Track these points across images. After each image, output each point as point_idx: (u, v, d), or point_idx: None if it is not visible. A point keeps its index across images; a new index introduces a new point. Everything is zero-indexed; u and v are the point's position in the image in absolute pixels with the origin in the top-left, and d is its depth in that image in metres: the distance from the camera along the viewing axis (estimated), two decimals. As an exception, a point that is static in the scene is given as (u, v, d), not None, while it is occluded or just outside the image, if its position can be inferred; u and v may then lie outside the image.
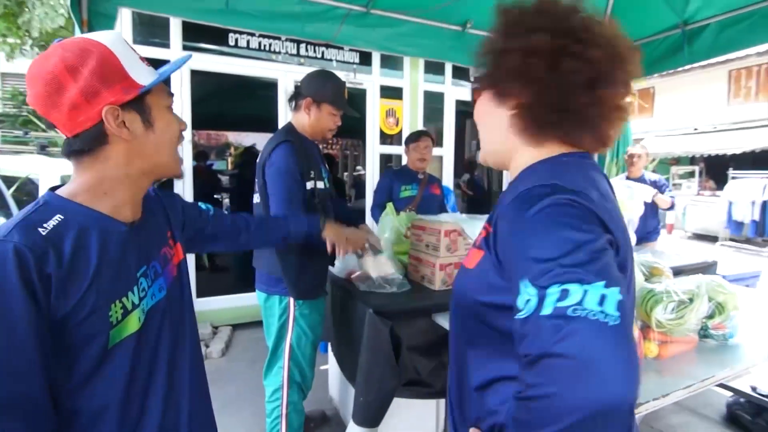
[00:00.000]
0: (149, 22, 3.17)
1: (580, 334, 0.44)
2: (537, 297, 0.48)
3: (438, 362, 1.68)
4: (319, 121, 1.69)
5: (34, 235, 0.60)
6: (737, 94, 10.68)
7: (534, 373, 0.46)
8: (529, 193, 0.58)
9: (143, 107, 0.71)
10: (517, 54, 0.62)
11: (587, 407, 0.42)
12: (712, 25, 2.72)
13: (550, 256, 0.50)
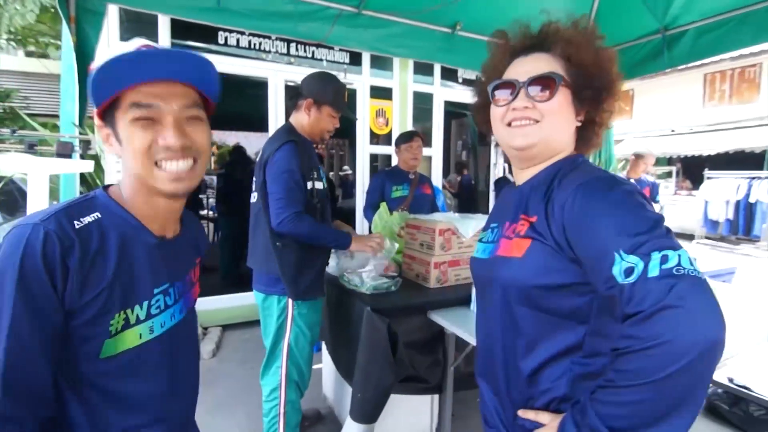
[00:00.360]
0: (136, 19, 3.12)
1: (688, 288, 0.54)
2: (642, 263, 0.56)
3: (433, 358, 1.72)
4: (319, 122, 1.71)
5: (68, 227, 0.61)
6: (712, 96, 11.05)
7: (650, 325, 0.54)
8: (599, 181, 0.67)
9: (113, 122, 0.67)
10: (618, 83, 0.76)
11: (700, 345, 0.52)
12: (690, 30, 2.83)
13: (641, 230, 0.59)
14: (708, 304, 0.54)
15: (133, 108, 0.64)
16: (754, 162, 8.99)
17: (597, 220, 0.63)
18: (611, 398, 0.59)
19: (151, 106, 0.65)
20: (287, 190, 1.53)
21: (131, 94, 0.64)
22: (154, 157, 0.66)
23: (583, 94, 0.76)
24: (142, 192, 0.70)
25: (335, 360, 2.04)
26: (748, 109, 10.11)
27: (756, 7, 2.48)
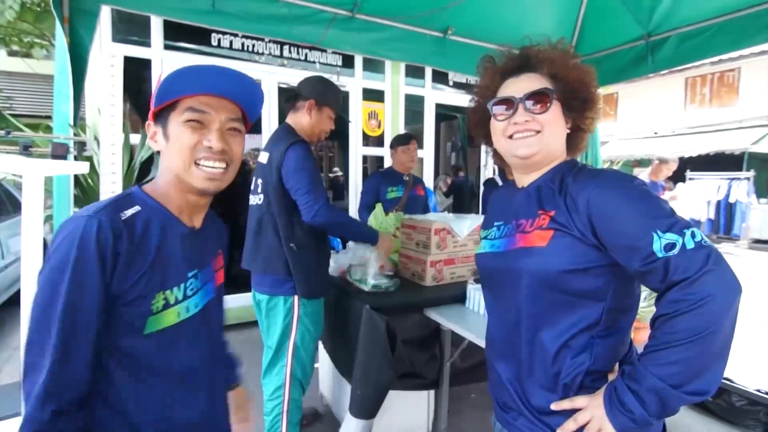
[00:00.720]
0: (128, 20, 3.11)
1: (716, 255, 0.67)
2: (680, 238, 0.68)
3: (430, 355, 1.76)
4: (319, 123, 1.76)
5: (116, 218, 0.70)
6: (693, 100, 11.38)
7: (698, 287, 0.65)
8: (617, 179, 0.78)
9: (165, 122, 0.78)
10: (597, 94, 0.87)
11: (735, 298, 0.66)
12: (673, 37, 2.93)
13: (667, 214, 0.71)
14: (729, 267, 0.67)
15: (188, 111, 0.76)
16: (733, 163, 9.27)
17: (627, 208, 0.73)
18: (666, 359, 0.67)
19: (204, 111, 0.77)
20: (312, 183, 1.57)
21: (189, 100, 0.77)
22: (196, 156, 0.77)
23: (570, 105, 0.86)
24: (177, 187, 0.80)
25: (333, 358, 2.07)
26: (727, 112, 10.44)
27: (735, 15, 2.60)
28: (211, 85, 0.77)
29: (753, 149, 8.80)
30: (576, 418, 0.75)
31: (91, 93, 2.99)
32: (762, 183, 9.71)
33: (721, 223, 8.81)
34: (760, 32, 2.51)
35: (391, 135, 4.40)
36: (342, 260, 2.01)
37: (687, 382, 0.66)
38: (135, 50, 3.05)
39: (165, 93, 0.76)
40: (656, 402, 0.68)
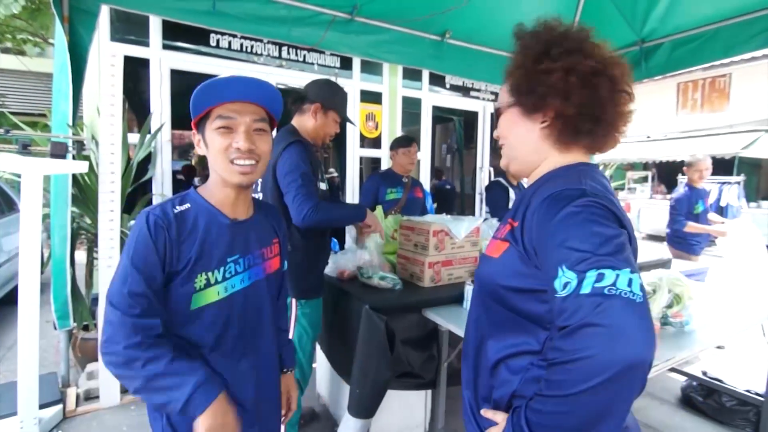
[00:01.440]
0: (127, 20, 3.11)
1: (614, 308, 0.56)
2: (576, 279, 0.59)
3: (428, 355, 1.78)
4: (325, 126, 1.77)
5: (169, 212, 0.88)
6: (684, 105, 11.53)
7: (573, 340, 0.57)
8: (561, 194, 0.69)
9: (203, 131, 0.93)
10: (558, 73, 0.73)
11: (618, 364, 0.54)
12: (666, 43, 3.00)
13: (585, 247, 0.61)
14: (634, 326, 0.55)
15: (218, 119, 0.90)
16: (724, 168, 9.41)
17: (551, 234, 0.66)
18: (538, 406, 0.62)
19: (230, 117, 0.90)
20: (303, 186, 1.57)
21: (218, 109, 0.89)
22: (229, 157, 0.90)
23: (526, 101, 0.79)
24: (219, 184, 0.95)
25: (331, 358, 2.08)
26: (718, 117, 10.59)
27: (727, 23, 2.66)
28: (234, 92, 0.89)
29: (743, 154, 8.95)
30: (491, 430, 0.74)
31: (90, 92, 2.98)
32: (752, 187, 9.87)
33: (712, 226, 8.92)
34: (750, 40, 2.57)
35: (389, 137, 4.42)
36: (341, 261, 2.02)
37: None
38: (133, 50, 3.05)
39: (196, 106, 0.89)
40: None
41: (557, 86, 0.73)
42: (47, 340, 2.99)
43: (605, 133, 0.78)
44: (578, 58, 0.73)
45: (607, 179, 0.82)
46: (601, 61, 0.74)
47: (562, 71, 0.73)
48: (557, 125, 0.77)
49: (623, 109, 0.77)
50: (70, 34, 2.16)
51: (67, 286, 2.35)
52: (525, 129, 0.81)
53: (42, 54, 7.84)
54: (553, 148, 0.80)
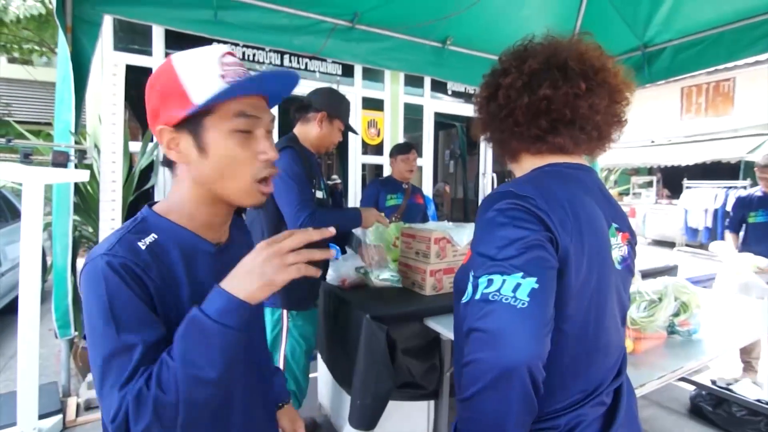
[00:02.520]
0: (129, 29, 3.14)
1: (494, 314, 0.58)
2: (472, 285, 0.62)
3: (430, 364, 1.75)
4: (330, 134, 1.77)
5: (137, 249, 0.62)
6: (689, 109, 11.48)
7: (467, 346, 0.59)
8: (489, 198, 0.70)
9: (198, 129, 0.64)
10: (493, 87, 0.78)
11: (497, 368, 0.56)
12: (668, 48, 2.98)
13: (487, 252, 0.63)
14: (516, 331, 0.56)
15: (240, 117, 0.64)
16: (729, 172, 9.34)
17: (474, 240, 0.69)
18: (460, 411, 0.63)
19: (256, 116, 0.66)
20: (298, 194, 1.56)
21: (235, 104, 0.64)
22: (256, 174, 0.67)
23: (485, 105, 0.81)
24: (206, 202, 0.69)
25: (331, 368, 2.06)
26: (722, 121, 10.53)
27: (729, 27, 2.64)
28: (268, 84, 0.67)
29: (749, 158, 8.87)
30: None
31: (92, 101, 3.00)
32: (758, 192, 9.76)
33: (718, 231, 8.83)
34: (753, 44, 2.55)
35: (391, 143, 4.42)
36: (342, 269, 2.01)
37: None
38: (136, 59, 3.08)
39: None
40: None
41: (483, 101, 0.80)
42: (48, 349, 2.98)
43: (578, 133, 0.74)
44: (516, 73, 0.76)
45: (594, 182, 0.79)
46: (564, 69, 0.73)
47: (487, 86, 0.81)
48: (506, 122, 0.78)
49: (599, 110, 0.74)
50: (73, 44, 2.19)
51: (69, 294, 2.35)
52: (495, 134, 0.83)
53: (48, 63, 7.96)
54: (525, 152, 0.81)
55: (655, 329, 1.52)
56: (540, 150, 0.77)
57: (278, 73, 0.67)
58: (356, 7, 2.69)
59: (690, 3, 2.64)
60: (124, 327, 0.57)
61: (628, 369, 1.35)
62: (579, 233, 0.67)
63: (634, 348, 1.48)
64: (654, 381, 1.29)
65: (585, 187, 0.75)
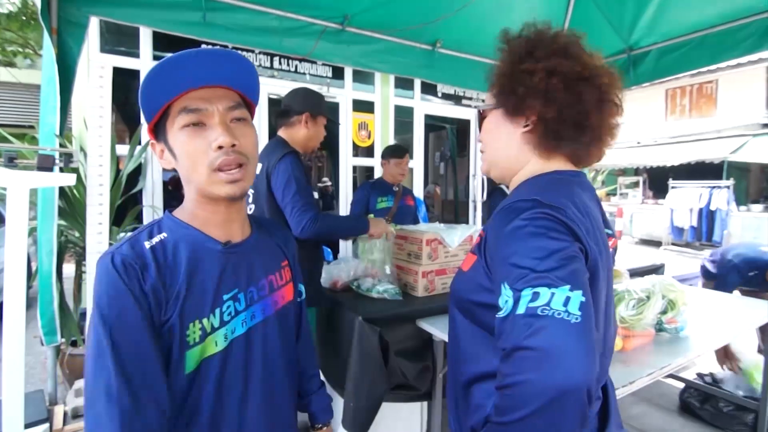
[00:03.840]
0: (117, 31, 3.10)
1: (546, 330, 0.52)
2: (513, 298, 0.56)
3: (423, 366, 1.75)
4: (317, 132, 1.80)
5: (140, 248, 0.66)
6: (673, 111, 11.71)
7: (508, 365, 0.54)
8: (513, 206, 0.66)
9: (165, 135, 0.68)
10: (540, 74, 0.70)
11: (552, 390, 0.50)
12: (653, 51, 3.04)
13: (525, 263, 0.58)
14: (572, 349, 0.51)
15: (182, 114, 0.66)
16: (713, 172, 9.54)
17: (500, 248, 0.63)
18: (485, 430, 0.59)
19: (198, 109, 0.66)
20: (301, 197, 1.58)
21: (178, 102, 0.66)
22: (212, 162, 0.66)
23: (507, 102, 0.76)
24: (202, 201, 0.71)
25: (324, 371, 2.04)
26: (706, 122, 10.76)
27: (712, 31, 2.70)
28: (196, 75, 0.65)
29: (732, 158, 9.07)
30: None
31: (78, 103, 2.95)
32: (741, 191, 9.99)
33: (703, 230, 9.01)
34: (735, 47, 2.62)
35: (381, 145, 4.43)
36: (334, 271, 2.00)
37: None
38: (123, 61, 3.04)
39: (150, 102, 0.65)
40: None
41: (538, 87, 0.70)
42: (34, 357, 2.92)
43: (589, 143, 0.74)
44: (562, 61, 0.71)
45: (591, 189, 0.79)
46: (587, 68, 0.72)
47: (544, 72, 0.70)
48: (539, 129, 0.74)
49: (610, 120, 0.74)
50: (58, 46, 2.15)
51: (54, 300, 2.30)
52: (507, 132, 0.78)
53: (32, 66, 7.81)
54: (534, 154, 0.77)
55: (643, 327, 1.54)
56: (551, 157, 0.76)
57: (183, 57, 0.64)
58: (346, 9, 2.69)
59: (674, 7, 2.70)
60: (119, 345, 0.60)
61: (618, 366, 1.38)
62: (597, 243, 0.68)
63: (623, 346, 1.50)
64: (644, 378, 1.31)
65: (589, 194, 0.77)
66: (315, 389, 0.97)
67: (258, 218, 0.85)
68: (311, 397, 0.96)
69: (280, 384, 0.79)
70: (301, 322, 0.93)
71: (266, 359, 0.76)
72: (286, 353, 0.81)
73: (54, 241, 2.26)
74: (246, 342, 0.73)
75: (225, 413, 0.70)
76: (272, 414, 0.77)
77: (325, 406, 0.98)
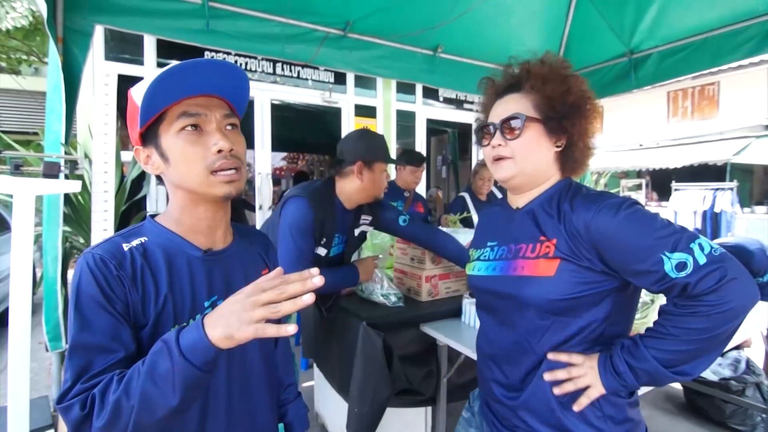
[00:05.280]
0: (121, 39, 3.13)
1: (732, 262, 0.70)
2: (689, 255, 0.69)
3: (427, 370, 1.75)
4: (374, 182, 1.62)
5: (116, 249, 0.67)
6: (675, 113, 11.69)
7: (717, 295, 0.68)
8: (611, 199, 0.77)
9: (157, 139, 0.70)
10: (575, 98, 0.84)
11: (750, 305, 0.70)
12: (654, 54, 3.04)
13: (668, 232, 0.72)
14: (746, 272, 0.70)
15: (182, 117, 0.68)
16: (716, 174, 9.50)
17: (630, 233, 0.74)
18: (670, 347, 0.73)
19: (198, 114, 0.69)
20: (294, 249, 1.48)
21: (177, 107, 0.69)
22: (210, 166, 0.69)
23: (553, 123, 0.84)
24: (188, 206, 0.73)
25: (328, 376, 2.05)
26: (708, 124, 10.73)
27: (712, 34, 2.71)
28: (195, 85, 0.68)
29: (735, 160, 9.04)
30: (570, 370, 0.80)
31: (83, 111, 2.98)
32: (745, 193, 9.96)
33: (708, 232, 8.97)
34: (735, 50, 2.62)
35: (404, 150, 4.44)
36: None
37: (680, 365, 0.73)
38: (128, 68, 3.07)
39: (149, 108, 0.67)
40: (647, 377, 0.75)
41: (573, 112, 0.83)
42: (38, 363, 2.93)
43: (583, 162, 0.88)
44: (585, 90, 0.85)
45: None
46: (590, 96, 0.85)
47: (579, 96, 0.84)
48: (567, 152, 0.86)
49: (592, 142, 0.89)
50: (64, 55, 2.17)
51: (59, 307, 2.32)
52: (546, 147, 0.86)
53: (37, 73, 7.89)
54: (557, 169, 0.88)
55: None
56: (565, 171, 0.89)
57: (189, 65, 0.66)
58: (348, 16, 2.71)
59: (674, 11, 2.71)
60: (88, 323, 0.62)
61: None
62: None
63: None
64: (648, 382, 1.30)
65: None
66: (292, 398, 0.98)
67: (240, 226, 0.87)
68: (288, 407, 0.96)
69: (261, 392, 0.80)
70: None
71: (247, 367, 0.77)
72: (266, 362, 0.82)
73: (59, 248, 2.28)
74: (228, 351, 0.71)
75: (210, 421, 0.71)
76: (254, 422, 0.78)
77: (301, 416, 0.98)
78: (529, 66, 0.87)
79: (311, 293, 0.54)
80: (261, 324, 0.54)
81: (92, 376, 0.59)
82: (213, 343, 0.55)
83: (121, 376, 0.58)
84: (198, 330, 0.56)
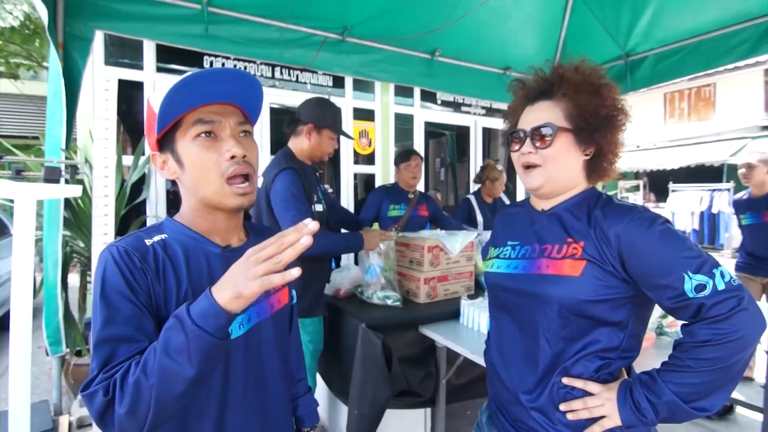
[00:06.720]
0: (120, 44, 3.15)
1: (746, 294, 0.72)
2: (710, 279, 0.72)
3: (426, 372, 1.76)
4: (320, 145, 1.80)
5: (139, 243, 0.70)
6: (672, 114, 11.75)
7: (728, 324, 0.71)
8: (644, 214, 0.79)
9: (173, 145, 0.72)
10: (610, 108, 0.84)
11: (759, 336, 0.73)
12: (650, 57, 3.07)
13: (695, 254, 0.74)
14: (757, 305, 0.73)
15: (197, 124, 0.71)
16: (713, 175, 9.55)
17: (658, 249, 0.76)
18: (687, 380, 0.74)
19: (212, 121, 0.71)
20: (295, 215, 1.56)
21: (193, 114, 0.71)
22: (223, 172, 0.71)
23: (584, 133, 0.85)
24: (203, 211, 0.75)
25: (327, 379, 2.06)
26: (705, 125, 10.79)
27: (707, 36, 2.74)
28: (210, 92, 0.70)
29: (731, 161, 9.09)
30: (586, 401, 0.80)
31: (84, 115, 3.00)
32: (742, 193, 9.98)
33: (705, 233, 9.01)
34: (730, 52, 2.65)
35: (382, 153, 4.46)
36: (337, 279, 2.02)
37: (698, 399, 0.74)
38: (127, 73, 3.08)
39: (166, 115, 0.69)
40: (667, 412, 0.75)
41: (605, 125, 0.84)
42: (39, 367, 2.93)
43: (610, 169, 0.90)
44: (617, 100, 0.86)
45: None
46: (623, 107, 0.86)
47: (612, 108, 0.85)
48: (595, 160, 0.87)
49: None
50: (64, 60, 2.19)
51: (60, 311, 2.32)
52: (576, 157, 0.87)
53: (36, 77, 7.89)
54: (584, 177, 0.90)
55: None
56: (591, 180, 0.91)
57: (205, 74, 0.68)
58: (346, 20, 2.73)
59: (669, 14, 2.74)
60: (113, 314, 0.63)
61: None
62: None
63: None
64: (645, 382, 1.32)
65: None
66: (302, 393, 1.00)
67: (253, 225, 0.89)
68: (298, 401, 0.98)
69: (276, 387, 0.81)
70: (293, 325, 0.96)
71: (264, 361, 0.78)
72: (281, 356, 0.83)
73: (59, 252, 2.29)
74: (245, 344, 0.75)
75: (229, 414, 0.72)
76: (268, 416, 0.79)
77: (312, 410, 1.00)
78: (563, 71, 0.87)
79: (308, 236, 0.56)
80: (266, 276, 0.56)
81: (116, 365, 0.61)
82: (222, 306, 0.57)
83: (138, 360, 0.60)
84: (207, 298, 0.58)
